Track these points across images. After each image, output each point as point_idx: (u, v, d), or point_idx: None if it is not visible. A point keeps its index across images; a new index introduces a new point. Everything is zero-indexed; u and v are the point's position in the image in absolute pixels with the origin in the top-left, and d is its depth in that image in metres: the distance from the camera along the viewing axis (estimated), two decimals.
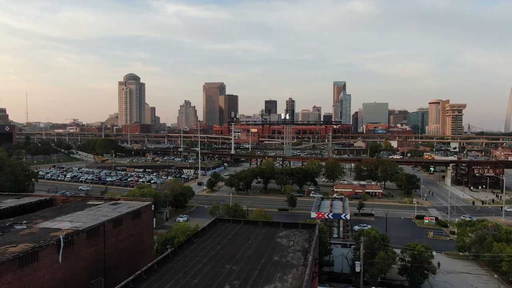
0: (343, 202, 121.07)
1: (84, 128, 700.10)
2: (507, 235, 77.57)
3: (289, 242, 48.24)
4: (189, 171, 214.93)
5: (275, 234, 51.53)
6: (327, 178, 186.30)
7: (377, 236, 68.26)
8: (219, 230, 52.94)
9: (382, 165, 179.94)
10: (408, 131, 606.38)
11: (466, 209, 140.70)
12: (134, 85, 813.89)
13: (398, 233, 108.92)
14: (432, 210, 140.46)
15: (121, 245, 51.15)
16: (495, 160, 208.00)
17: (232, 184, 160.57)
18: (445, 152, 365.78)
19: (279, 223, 56.45)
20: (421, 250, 66.16)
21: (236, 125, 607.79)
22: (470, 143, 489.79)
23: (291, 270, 38.43)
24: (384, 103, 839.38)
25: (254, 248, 45.61)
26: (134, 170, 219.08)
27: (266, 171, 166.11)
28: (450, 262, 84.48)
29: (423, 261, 65.51)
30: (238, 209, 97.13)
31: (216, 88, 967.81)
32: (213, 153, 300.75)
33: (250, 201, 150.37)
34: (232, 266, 39.37)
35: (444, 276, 75.74)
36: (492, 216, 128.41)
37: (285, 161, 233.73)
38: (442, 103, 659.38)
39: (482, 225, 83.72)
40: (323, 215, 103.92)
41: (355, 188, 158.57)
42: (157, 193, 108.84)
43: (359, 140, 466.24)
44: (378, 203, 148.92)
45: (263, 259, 41.62)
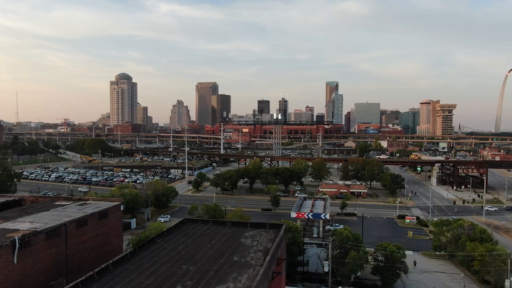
0: (325, 202, 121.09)
1: (75, 128, 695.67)
2: (481, 235, 78.16)
3: (253, 242, 48.14)
4: (176, 171, 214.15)
5: (241, 234, 51.42)
6: (314, 178, 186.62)
7: (350, 236, 68.36)
8: (185, 231, 52.70)
9: (368, 165, 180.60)
10: (399, 131, 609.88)
11: (448, 209, 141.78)
12: (126, 84, 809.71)
13: (378, 232, 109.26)
14: (415, 209, 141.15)
15: (85, 245, 50.79)
16: (479, 160, 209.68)
17: (217, 184, 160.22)
18: (434, 152, 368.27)
19: (247, 223, 56.37)
20: (392, 250, 66.36)
21: (228, 125, 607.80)
22: (459, 143, 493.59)
23: (248, 270, 38.33)
24: (376, 103, 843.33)
25: (216, 248, 45.46)
26: (121, 170, 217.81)
27: (252, 171, 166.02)
28: (426, 261, 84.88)
29: (395, 260, 65.71)
30: (217, 209, 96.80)
31: (209, 88, 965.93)
32: (202, 153, 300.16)
33: (235, 201, 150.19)
34: (189, 267, 39.20)
35: (418, 276, 76.05)
36: (474, 216, 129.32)
37: (273, 161, 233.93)
38: (433, 103, 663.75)
39: (457, 224, 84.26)
40: (303, 215, 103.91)
41: (340, 188, 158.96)
42: (137, 193, 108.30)
43: (350, 140, 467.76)
44: (362, 203, 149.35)
45: (222, 260, 41.49)
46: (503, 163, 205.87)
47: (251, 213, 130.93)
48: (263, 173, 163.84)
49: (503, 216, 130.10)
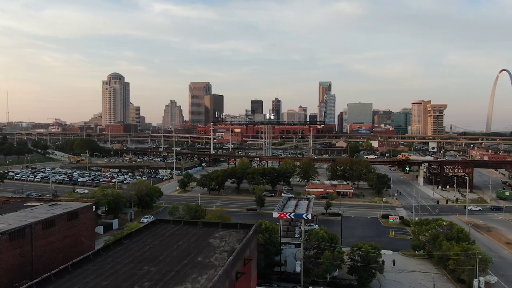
0: (309, 202, 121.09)
1: (66, 128, 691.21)
2: (458, 234, 78.62)
3: (221, 242, 48.01)
4: (164, 171, 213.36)
5: (211, 234, 51.27)
6: (302, 178, 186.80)
7: (325, 236, 68.47)
8: (155, 231, 52.44)
9: (355, 165, 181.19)
10: (391, 131, 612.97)
11: (432, 208, 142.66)
12: (118, 84, 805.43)
13: (361, 232, 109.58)
14: (400, 209, 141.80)
15: (53, 247, 50.33)
16: (465, 160, 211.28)
17: (203, 184, 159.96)
18: (424, 152, 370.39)
19: (218, 224, 56.26)
20: (367, 249, 66.55)
21: (220, 125, 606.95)
22: (450, 143, 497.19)
23: (209, 271, 38.20)
24: (369, 104, 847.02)
25: (182, 249, 45.28)
26: (109, 170, 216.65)
27: (238, 171, 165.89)
28: (405, 260, 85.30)
29: (370, 260, 65.89)
30: (199, 210, 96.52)
31: (202, 87, 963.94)
32: (192, 153, 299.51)
33: (221, 201, 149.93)
34: (151, 268, 38.98)
35: (396, 275, 76.43)
36: (457, 215, 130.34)
37: (262, 161, 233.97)
38: (424, 103, 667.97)
39: (436, 224, 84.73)
40: (285, 215, 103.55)
41: (326, 188, 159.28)
42: (119, 194, 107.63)
43: (341, 140, 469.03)
44: (348, 203, 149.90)
45: (186, 260, 41.32)
46: (489, 163, 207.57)
47: (236, 213, 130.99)
48: (250, 173, 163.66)
49: (486, 216, 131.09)
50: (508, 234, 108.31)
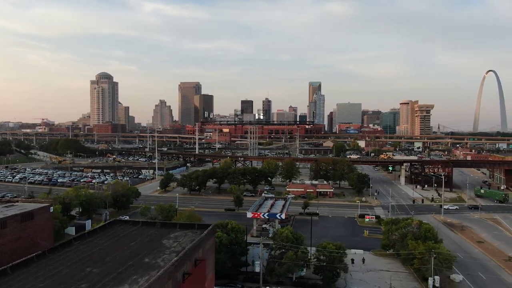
0: (286, 202, 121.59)
1: (53, 128, 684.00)
2: (425, 233, 79.24)
3: (174, 243, 47.65)
4: (147, 172, 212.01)
5: (166, 235, 50.88)
6: (284, 178, 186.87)
7: (290, 236, 68.43)
8: (110, 232, 51.91)
9: (336, 164, 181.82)
10: (379, 131, 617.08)
11: (410, 208, 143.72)
12: (107, 84, 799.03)
13: (335, 232, 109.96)
14: (378, 208, 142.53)
15: (4, 248, 49.58)
16: (445, 160, 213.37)
17: (184, 185, 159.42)
18: (409, 152, 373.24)
19: (176, 224, 55.90)
20: (331, 249, 66.69)
21: (209, 125, 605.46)
22: (436, 142, 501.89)
23: (152, 272, 37.82)
24: (358, 104, 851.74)
25: (132, 250, 44.85)
26: (91, 170, 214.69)
27: (219, 171, 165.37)
28: (375, 260, 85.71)
29: (334, 260, 66.02)
30: (171, 210, 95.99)
31: (192, 87, 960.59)
32: (177, 153, 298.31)
33: (200, 201, 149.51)
34: (93, 269, 38.49)
35: (363, 274, 76.77)
36: (433, 214, 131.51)
37: (246, 161, 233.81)
38: (411, 103, 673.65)
39: (405, 223, 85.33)
40: (259, 215, 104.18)
41: (306, 188, 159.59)
42: (92, 195, 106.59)
43: (329, 140, 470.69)
44: (327, 202, 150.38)
45: (132, 261, 40.92)
46: (468, 162, 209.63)
47: (214, 213, 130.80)
48: (231, 173, 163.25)
49: (462, 215, 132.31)
50: (481, 233, 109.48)
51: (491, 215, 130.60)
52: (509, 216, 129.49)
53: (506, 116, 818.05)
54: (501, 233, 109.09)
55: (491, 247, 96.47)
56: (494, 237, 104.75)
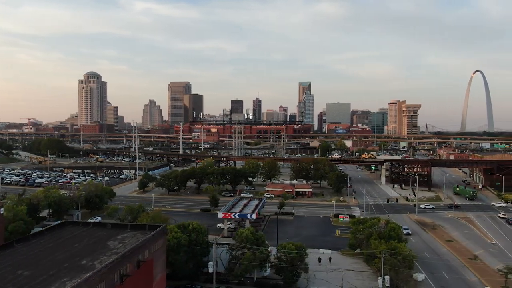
0: (260, 202, 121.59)
1: (40, 128, 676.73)
2: (389, 232, 79.60)
3: (119, 244, 47.17)
4: (129, 172, 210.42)
5: (114, 236, 50.37)
6: (265, 178, 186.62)
7: (249, 236, 68.16)
8: (57, 234, 51.24)
9: (316, 164, 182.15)
10: (367, 131, 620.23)
11: (387, 207, 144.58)
12: (95, 83, 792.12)
13: (308, 231, 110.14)
14: (355, 208, 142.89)
15: None
16: (424, 159, 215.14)
17: (162, 185, 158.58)
18: (394, 151, 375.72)
19: (127, 225, 55.49)
20: (291, 249, 66.60)
21: (198, 125, 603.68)
22: (423, 142, 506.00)
23: (84, 274, 37.30)
24: (347, 104, 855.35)
25: (73, 252, 44.30)
26: (72, 171, 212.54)
27: (198, 172, 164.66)
28: (342, 259, 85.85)
29: (293, 260, 65.93)
30: (140, 210, 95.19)
31: (182, 87, 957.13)
32: (161, 153, 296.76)
33: (177, 201, 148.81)
34: (25, 272, 37.93)
35: (327, 274, 76.84)
36: (408, 213, 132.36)
37: (230, 161, 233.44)
38: (399, 103, 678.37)
39: (371, 223, 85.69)
40: (230, 215, 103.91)
41: (285, 188, 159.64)
42: (62, 195, 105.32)
43: (316, 140, 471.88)
44: (305, 202, 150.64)
45: (68, 263, 40.42)
46: (447, 161, 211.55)
47: (189, 213, 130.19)
48: (209, 174, 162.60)
49: (436, 214, 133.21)
50: (452, 231, 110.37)
51: (465, 214, 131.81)
52: (483, 215, 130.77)
53: (492, 116, 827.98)
54: (472, 232, 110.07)
55: (459, 246, 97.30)
56: (464, 236, 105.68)
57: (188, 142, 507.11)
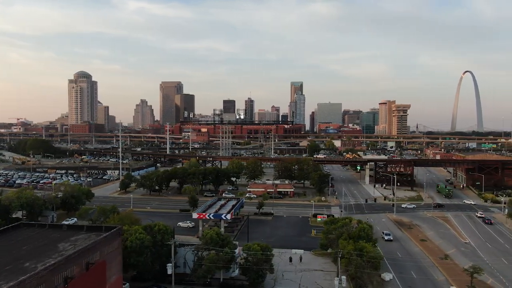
0: (238, 202, 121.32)
1: (29, 128, 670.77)
2: (359, 232, 79.75)
3: (69, 246, 46.65)
4: (113, 172, 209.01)
5: (67, 238, 49.80)
6: (248, 178, 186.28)
7: (215, 237, 67.81)
8: (9, 236, 50.53)
9: (300, 164, 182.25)
10: (358, 131, 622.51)
11: (367, 207, 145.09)
12: (85, 83, 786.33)
13: (284, 232, 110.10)
14: (335, 208, 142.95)
15: None
16: (407, 159, 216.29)
17: (143, 185, 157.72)
18: (382, 151, 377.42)
19: (83, 227, 54.91)
20: (256, 250, 66.40)
21: (189, 125, 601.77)
22: (412, 142, 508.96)
23: (21, 276, 36.74)
24: (338, 104, 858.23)
25: (19, 254, 43.77)
26: (56, 171, 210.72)
27: (179, 172, 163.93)
28: (313, 259, 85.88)
29: (258, 261, 65.72)
30: (113, 211, 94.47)
31: (173, 87, 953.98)
32: (147, 153, 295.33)
33: (158, 202, 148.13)
34: None
35: (296, 274, 76.80)
36: (386, 213, 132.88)
37: (216, 161, 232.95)
38: (389, 103, 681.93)
39: (343, 223, 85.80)
40: (204, 215, 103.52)
41: (267, 188, 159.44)
42: (35, 196, 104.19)
43: (306, 140, 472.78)
44: (286, 202, 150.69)
45: (10, 266, 39.87)
46: (430, 161, 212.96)
47: (168, 214, 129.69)
48: (191, 174, 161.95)
49: (416, 213, 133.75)
50: (427, 231, 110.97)
51: (443, 213, 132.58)
52: (461, 214, 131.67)
53: (482, 116, 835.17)
54: (447, 232, 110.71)
55: (432, 245, 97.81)
56: (439, 236, 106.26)
57: (178, 142, 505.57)
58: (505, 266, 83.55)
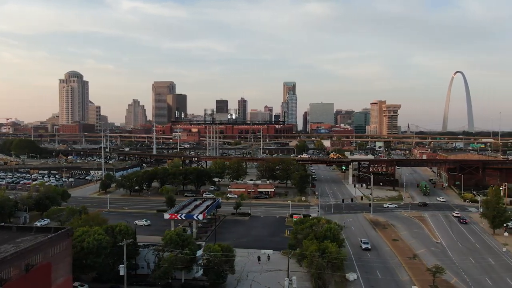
0: (213, 202, 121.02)
1: (19, 128, 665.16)
2: (325, 232, 79.73)
3: (11, 248, 45.98)
4: (96, 172, 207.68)
5: (11, 240, 49.18)
6: (231, 178, 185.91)
7: (174, 237, 67.42)
8: None
9: (282, 164, 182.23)
10: (349, 131, 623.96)
11: (346, 206, 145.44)
12: (76, 83, 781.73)
13: (258, 232, 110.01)
14: (314, 208, 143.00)
15: None
16: (389, 159, 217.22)
17: (123, 186, 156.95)
18: (371, 151, 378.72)
19: (32, 228, 54.34)
20: (217, 251, 66.15)
21: (180, 125, 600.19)
22: (402, 142, 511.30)
23: None
24: (330, 104, 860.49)
25: None
26: (38, 172, 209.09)
27: (159, 172, 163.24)
28: (281, 259, 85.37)
29: (219, 262, 65.44)
30: (83, 212, 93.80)
31: (166, 87, 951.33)
32: (134, 153, 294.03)
33: (136, 202, 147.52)
34: None
35: (260, 275, 76.67)
36: (364, 213, 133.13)
37: (200, 161, 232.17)
38: (379, 103, 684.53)
39: (311, 223, 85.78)
40: (176, 216, 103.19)
41: (247, 188, 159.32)
42: (5, 197, 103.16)
43: (295, 140, 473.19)
44: (265, 202, 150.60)
45: None
46: (412, 161, 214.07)
47: (145, 214, 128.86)
48: (171, 174, 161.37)
49: (393, 213, 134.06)
50: (401, 231, 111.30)
51: (420, 213, 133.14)
52: (438, 214, 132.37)
53: (472, 116, 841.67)
54: (421, 231, 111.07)
55: (404, 245, 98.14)
56: (412, 235, 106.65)
57: (168, 143, 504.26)
58: (471, 265, 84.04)
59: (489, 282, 75.05)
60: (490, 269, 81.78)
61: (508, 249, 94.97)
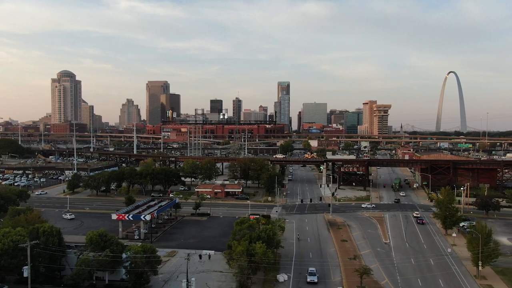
0: (169, 202, 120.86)
1: (10, 127, 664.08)
2: (259, 233, 79.43)
3: None
4: (70, 172, 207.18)
5: None
6: (203, 178, 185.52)
7: (95, 238, 66.99)
8: None
9: (253, 164, 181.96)
10: (340, 131, 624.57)
11: (310, 206, 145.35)
12: (69, 82, 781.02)
13: (211, 232, 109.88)
14: (278, 208, 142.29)
15: None
16: (362, 159, 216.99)
17: (89, 186, 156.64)
18: (356, 151, 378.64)
19: None
20: (138, 252, 65.85)
21: (171, 125, 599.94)
22: (391, 142, 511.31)
23: None
24: (323, 103, 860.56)
25: None
26: (13, 172, 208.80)
27: (126, 173, 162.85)
28: (221, 260, 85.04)
29: (140, 263, 65.14)
30: (27, 212, 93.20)
31: (160, 86, 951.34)
32: (115, 153, 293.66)
33: (100, 203, 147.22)
34: None
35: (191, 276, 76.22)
36: (324, 213, 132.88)
37: (178, 161, 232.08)
38: (370, 103, 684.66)
39: (249, 224, 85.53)
40: (123, 216, 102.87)
41: (214, 188, 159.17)
42: None
43: (283, 140, 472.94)
44: (228, 202, 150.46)
45: None
46: (384, 161, 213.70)
47: (105, 215, 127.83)
48: (138, 174, 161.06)
49: (353, 213, 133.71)
50: (355, 231, 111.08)
51: (380, 213, 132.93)
52: (399, 214, 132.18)
53: (465, 116, 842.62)
54: (374, 232, 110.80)
55: (350, 245, 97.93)
56: (363, 236, 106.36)
57: (157, 142, 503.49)
58: (410, 266, 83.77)
59: (419, 282, 74.87)
60: (427, 270, 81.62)
61: (454, 250, 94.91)
